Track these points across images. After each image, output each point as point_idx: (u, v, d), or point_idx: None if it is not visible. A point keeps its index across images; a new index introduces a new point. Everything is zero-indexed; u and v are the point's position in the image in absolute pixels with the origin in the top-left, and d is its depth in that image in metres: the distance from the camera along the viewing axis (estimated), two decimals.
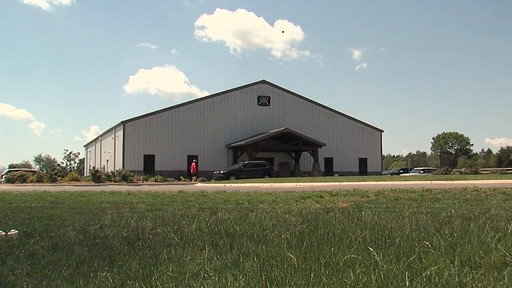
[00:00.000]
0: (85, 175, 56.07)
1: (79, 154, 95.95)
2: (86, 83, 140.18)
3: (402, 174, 41.77)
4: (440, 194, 10.50)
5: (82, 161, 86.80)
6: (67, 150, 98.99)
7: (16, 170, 38.34)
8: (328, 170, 45.05)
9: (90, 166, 52.14)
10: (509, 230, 4.80)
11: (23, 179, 32.14)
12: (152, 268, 3.78)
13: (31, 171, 41.80)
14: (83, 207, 9.25)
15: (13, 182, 31.28)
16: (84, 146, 70.09)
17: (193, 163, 36.87)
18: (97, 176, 32.45)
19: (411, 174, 41.06)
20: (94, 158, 55.37)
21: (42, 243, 4.86)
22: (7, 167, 71.51)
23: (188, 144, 41.16)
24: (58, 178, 33.17)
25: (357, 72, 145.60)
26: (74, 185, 27.56)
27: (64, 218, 7.23)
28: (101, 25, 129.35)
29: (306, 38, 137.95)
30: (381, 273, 3.40)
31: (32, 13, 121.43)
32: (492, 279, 3.28)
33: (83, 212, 8.28)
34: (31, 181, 31.75)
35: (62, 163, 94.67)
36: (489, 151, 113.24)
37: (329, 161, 46.31)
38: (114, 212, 8.05)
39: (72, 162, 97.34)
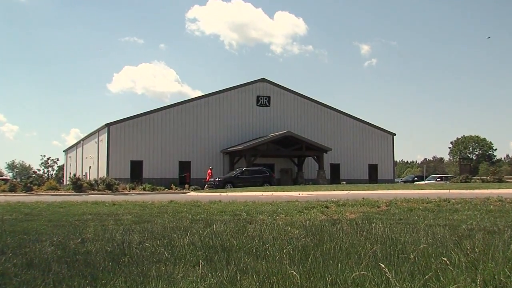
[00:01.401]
0: (64, 183, 55.92)
1: (57, 160, 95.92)
2: (65, 82, 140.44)
3: (417, 182, 41.78)
4: (460, 205, 10.51)
5: (61, 168, 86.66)
6: (44, 156, 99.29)
7: None
8: (335, 178, 45.05)
9: (70, 173, 52.04)
10: None
11: None
12: (139, 286, 3.77)
13: (3, 179, 41.75)
14: (62, 219, 9.23)
15: None
16: (63, 151, 70.03)
17: (209, 170, 37.11)
18: (78, 185, 32.39)
19: (426, 182, 41.08)
20: (75, 164, 55.27)
21: (15, 260, 4.84)
22: None
23: (179, 149, 41.16)
24: (34, 187, 33.09)
25: (366, 69, 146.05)
26: (52, 195, 27.49)
27: (41, 231, 7.21)
28: (81, 17, 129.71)
29: (309, 32, 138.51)
30: None
31: (2, 2, 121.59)
32: None
33: (62, 225, 8.26)
34: (3, 191, 31.66)
35: (39, 170, 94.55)
36: None
37: (335, 168, 46.31)
38: (97, 225, 8.04)
39: (50, 169, 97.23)
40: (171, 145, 40.96)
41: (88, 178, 41.05)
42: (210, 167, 38.36)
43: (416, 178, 50.77)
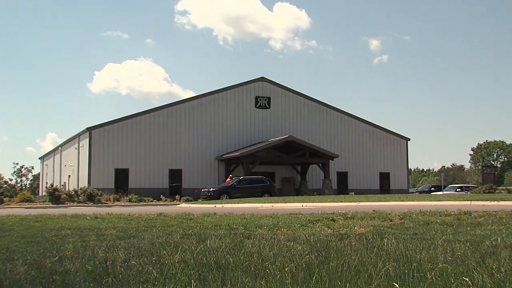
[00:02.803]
0: (40, 194, 55.87)
1: (32, 168, 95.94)
2: (40, 81, 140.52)
3: (434, 193, 41.82)
4: (482, 218, 10.52)
5: (36, 178, 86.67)
6: (17, 164, 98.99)
7: None
8: (342, 187, 45.09)
9: (46, 183, 51.96)
10: None
11: None
12: None
13: None
14: (37, 235, 9.21)
15: None
16: (39, 158, 70.01)
17: (228, 179, 37.16)
18: (55, 196, 32.35)
19: (445, 192, 41.13)
20: (52, 173, 55.24)
21: None
22: None
23: (169, 155, 41.17)
24: (5, 199, 33.08)
25: (376, 66, 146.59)
26: (26, 207, 27.45)
27: (12, 249, 7.18)
28: (58, 8, 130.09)
29: (313, 25, 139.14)
30: None
31: None
32: None
33: (37, 241, 8.23)
34: None
35: (11, 180, 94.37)
36: None
37: (343, 177, 46.35)
38: (77, 241, 8.03)
39: (23, 178, 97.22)
40: (160, 151, 40.96)
41: (67, 189, 40.97)
42: (230, 176, 38.37)
43: (433, 188, 50.84)
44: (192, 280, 4.54)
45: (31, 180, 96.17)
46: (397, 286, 3.93)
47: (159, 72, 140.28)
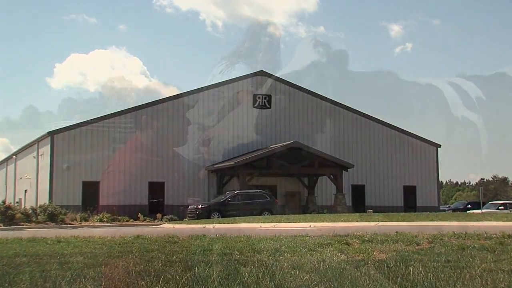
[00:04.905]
0: None
1: None
2: None
3: (471, 211, 41.86)
4: None
5: None
6: None
7: None
8: (358, 204, 45.04)
9: None
10: None
11: None
12: None
13: None
14: None
15: None
16: None
17: None
18: (8, 216, 32.20)
19: (484, 210, 41.17)
20: (5, 187, 55.16)
21: None
22: None
23: (149, 165, 41.07)
24: None
25: (398, 56, 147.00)
26: None
27: None
28: None
29: (321, 8, 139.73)
30: None
31: None
32: None
33: None
34: None
35: None
36: None
37: (358, 191, 46.33)
38: (35, 271, 8.01)
39: None
40: (137, 160, 40.84)
41: (23, 206, 40.85)
42: None
43: (469, 206, 50.84)
44: None
45: None
46: None
47: (135, 65, 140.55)
